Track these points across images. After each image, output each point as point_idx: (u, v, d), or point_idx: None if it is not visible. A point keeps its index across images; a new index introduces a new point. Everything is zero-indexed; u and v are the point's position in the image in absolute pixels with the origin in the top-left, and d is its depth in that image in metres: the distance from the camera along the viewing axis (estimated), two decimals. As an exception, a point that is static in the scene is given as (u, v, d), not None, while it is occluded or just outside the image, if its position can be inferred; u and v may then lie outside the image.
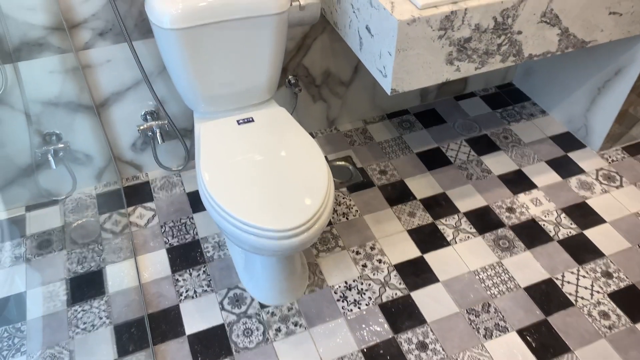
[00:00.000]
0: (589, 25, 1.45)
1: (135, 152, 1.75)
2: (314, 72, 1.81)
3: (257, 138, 1.32)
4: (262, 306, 1.42)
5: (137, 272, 1.50)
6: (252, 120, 1.37)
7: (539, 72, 2.10)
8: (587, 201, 1.72)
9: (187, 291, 1.46)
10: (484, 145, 1.94)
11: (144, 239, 1.60)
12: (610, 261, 1.53)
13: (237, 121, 1.37)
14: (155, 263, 1.53)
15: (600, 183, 1.78)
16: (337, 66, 1.83)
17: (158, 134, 1.63)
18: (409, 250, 1.57)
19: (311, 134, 1.99)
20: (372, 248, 1.57)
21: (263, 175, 1.21)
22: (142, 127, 1.62)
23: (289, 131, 1.34)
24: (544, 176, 1.81)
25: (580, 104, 1.94)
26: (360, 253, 1.56)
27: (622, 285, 1.47)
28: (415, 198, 1.74)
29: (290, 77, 1.78)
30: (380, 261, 1.54)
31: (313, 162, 1.25)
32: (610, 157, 1.89)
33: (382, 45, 1.30)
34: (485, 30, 1.31)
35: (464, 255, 1.55)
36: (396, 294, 1.45)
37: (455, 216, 1.67)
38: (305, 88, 1.85)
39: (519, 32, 1.36)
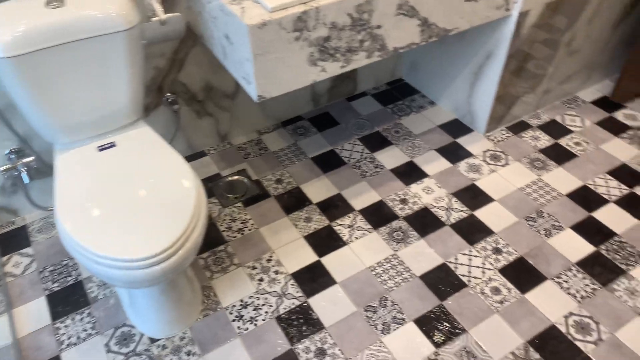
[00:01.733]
0: (448, 13, 1.49)
1: (5, 195, 1.61)
2: (193, 87, 1.75)
3: (119, 163, 1.24)
4: (153, 340, 1.33)
5: (12, 327, 1.36)
6: (114, 145, 1.29)
7: (424, 65, 2.16)
8: (476, 183, 1.77)
9: (69, 338, 1.34)
10: (376, 142, 1.96)
11: (21, 288, 1.47)
12: (500, 237, 1.58)
13: (98, 147, 1.29)
14: (33, 313, 1.40)
15: (488, 164, 1.84)
16: (218, 79, 1.79)
17: (24, 173, 1.50)
18: (306, 257, 1.54)
19: (203, 152, 1.93)
20: (269, 260, 1.53)
21: (123, 203, 1.13)
22: (3, 168, 1.48)
23: (154, 152, 1.28)
24: (435, 164, 1.85)
25: (462, 91, 2.01)
26: (256, 268, 1.51)
27: (511, 259, 1.51)
28: (311, 203, 1.71)
29: (167, 95, 1.72)
30: (277, 272, 1.49)
31: (180, 182, 1.19)
32: (495, 138, 1.96)
33: (241, 52, 1.27)
34: (342, 28, 1.31)
35: (359, 252, 1.54)
36: (293, 303, 1.41)
37: (351, 215, 1.66)
38: (186, 105, 1.78)
39: (379, 27, 1.38)
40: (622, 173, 1.80)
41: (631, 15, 2.00)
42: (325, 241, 1.58)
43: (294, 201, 1.72)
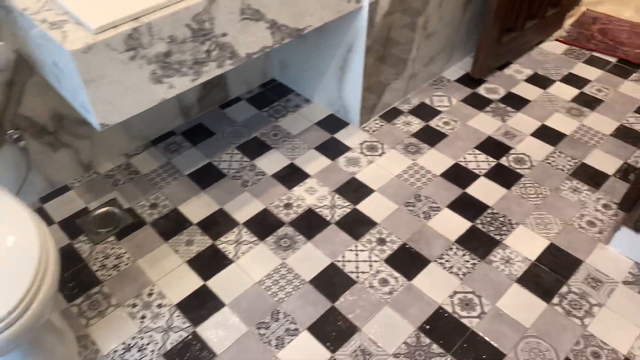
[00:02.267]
0: (296, 12, 1.46)
1: None
2: (39, 119, 1.59)
3: (-59, 224, 1.08)
4: (22, 412, 1.18)
5: None
6: None
7: (293, 63, 2.13)
8: (356, 176, 1.78)
9: None
10: (255, 148, 1.90)
11: None
12: (383, 227, 1.60)
13: None
14: None
15: (365, 155, 1.86)
16: (67, 106, 1.63)
17: None
18: (190, 283, 1.45)
19: (66, 187, 1.76)
20: (150, 294, 1.43)
21: (-53, 270, 0.98)
22: None
23: (-14, 203, 1.12)
24: (315, 163, 1.83)
25: (332, 85, 2.01)
26: (137, 305, 1.40)
27: (395, 247, 1.54)
28: (191, 224, 1.63)
29: (9, 132, 1.53)
30: (160, 306, 1.40)
31: (17, 236, 1.05)
32: (370, 128, 1.98)
33: (72, 79, 1.15)
34: (183, 40, 1.24)
35: (247, 268, 1.49)
36: (181, 336, 1.33)
37: (235, 230, 1.60)
38: (35, 139, 1.61)
39: (224, 34, 1.32)
40: (488, 146, 1.90)
41: (476, -5, 2.12)
42: (210, 262, 1.51)
43: (172, 225, 1.62)
